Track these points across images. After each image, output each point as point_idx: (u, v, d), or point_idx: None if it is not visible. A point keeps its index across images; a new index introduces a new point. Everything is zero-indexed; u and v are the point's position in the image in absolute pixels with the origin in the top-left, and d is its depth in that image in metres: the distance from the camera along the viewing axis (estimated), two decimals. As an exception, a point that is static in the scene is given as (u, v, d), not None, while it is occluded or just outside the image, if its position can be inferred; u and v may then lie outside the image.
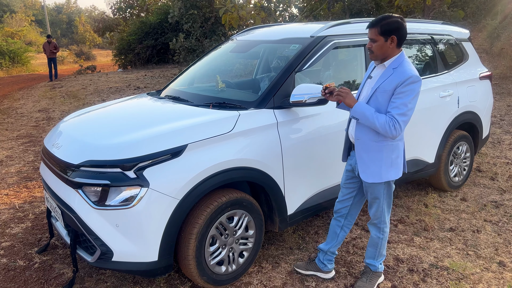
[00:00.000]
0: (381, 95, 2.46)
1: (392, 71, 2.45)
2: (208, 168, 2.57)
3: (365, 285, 2.82)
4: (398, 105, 2.39)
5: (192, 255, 2.59)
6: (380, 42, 2.43)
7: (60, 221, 2.86)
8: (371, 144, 2.52)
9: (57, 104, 10.56)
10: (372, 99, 2.51)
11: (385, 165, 2.53)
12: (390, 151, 2.53)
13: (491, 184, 4.68)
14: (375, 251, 2.82)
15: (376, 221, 2.73)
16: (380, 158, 2.53)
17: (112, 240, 2.46)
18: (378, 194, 2.63)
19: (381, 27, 2.41)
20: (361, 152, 2.58)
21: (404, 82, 2.38)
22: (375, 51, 2.47)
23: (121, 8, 25.83)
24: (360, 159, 2.59)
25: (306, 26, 3.78)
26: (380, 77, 2.50)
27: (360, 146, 2.58)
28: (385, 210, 2.69)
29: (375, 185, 2.60)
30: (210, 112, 2.93)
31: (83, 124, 3.14)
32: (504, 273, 3.01)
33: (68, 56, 33.25)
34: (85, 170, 2.51)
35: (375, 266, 2.86)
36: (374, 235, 2.78)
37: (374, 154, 2.53)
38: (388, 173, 2.55)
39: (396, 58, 2.48)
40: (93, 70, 19.97)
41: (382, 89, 2.45)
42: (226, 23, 11.87)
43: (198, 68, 4.16)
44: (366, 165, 2.57)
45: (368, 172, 2.56)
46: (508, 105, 8.56)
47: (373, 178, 2.56)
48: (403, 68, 2.42)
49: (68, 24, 61.68)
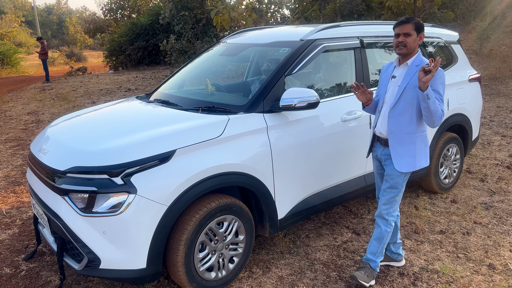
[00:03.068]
0: (411, 91, 2.67)
1: (416, 68, 2.67)
2: (197, 174, 2.54)
3: (363, 277, 2.84)
4: (438, 98, 2.60)
5: (181, 261, 2.56)
6: (414, 37, 2.67)
7: (46, 228, 2.81)
8: (404, 136, 2.74)
9: (47, 106, 10.45)
10: (403, 96, 2.71)
11: (418, 154, 2.76)
12: (421, 141, 2.77)
13: (481, 185, 4.71)
14: (378, 246, 2.90)
15: (385, 211, 2.87)
16: (414, 148, 2.75)
17: (100, 247, 2.42)
18: (397, 184, 2.81)
19: (415, 23, 2.67)
20: (395, 145, 2.77)
21: (436, 78, 2.58)
22: (409, 44, 2.68)
23: (112, 9, 25.71)
24: (394, 151, 2.77)
25: (296, 29, 3.77)
26: (406, 75, 2.72)
27: (394, 139, 2.77)
28: (396, 202, 2.87)
29: (400, 176, 2.79)
30: (200, 116, 2.91)
31: (70, 129, 3.09)
32: (494, 275, 3.02)
33: (58, 57, 32.97)
34: (71, 177, 2.47)
35: (375, 263, 2.91)
36: (382, 226, 2.89)
37: (408, 145, 2.74)
38: (420, 161, 2.78)
39: (417, 56, 2.73)
40: (83, 71, 19.80)
41: (412, 86, 2.67)
42: (217, 24, 11.84)
43: (187, 71, 4.13)
44: (400, 156, 2.75)
45: (403, 162, 2.75)
46: (498, 106, 8.63)
47: (408, 167, 2.75)
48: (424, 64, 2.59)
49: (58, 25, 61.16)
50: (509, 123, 7.38)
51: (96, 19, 27.99)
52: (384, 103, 2.86)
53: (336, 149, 3.36)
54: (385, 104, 2.85)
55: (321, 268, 3.14)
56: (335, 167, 3.41)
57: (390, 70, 2.90)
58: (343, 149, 3.42)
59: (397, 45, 2.73)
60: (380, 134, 2.90)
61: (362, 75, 3.61)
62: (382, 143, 2.89)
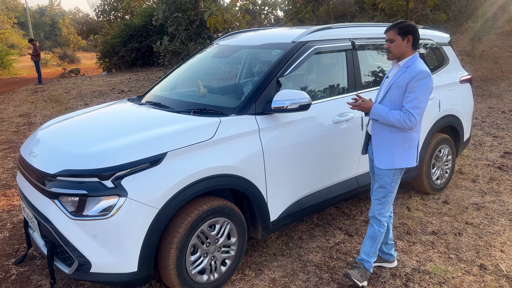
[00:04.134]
0: (395, 91, 2.74)
1: (405, 69, 2.73)
2: (189, 176, 2.53)
3: (357, 276, 2.87)
4: (411, 99, 2.65)
5: (172, 264, 2.55)
6: (398, 41, 2.72)
7: (37, 231, 2.79)
8: (385, 134, 2.80)
9: (39, 108, 10.38)
10: (387, 95, 2.80)
11: (397, 153, 2.79)
12: (403, 141, 2.78)
13: (473, 186, 4.74)
14: (372, 245, 2.94)
15: (377, 212, 2.92)
16: (393, 146, 2.79)
17: (90, 251, 2.41)
18: (385, 183, 2.86)
19: (399, 28, 2.72)
20: (377, 142, 2.86)
21: (414, 77, 2.64)
22: (393, 49, 2.75)
23: (105, 10, 25.61)
24: (376, 148, 2.86)
25: (288, 31, 3.78)
26: (394, 75, 2.80)
27: (376, 136, 2.86)
28: (388, 202, 2.90)
29: (385, 173, 2.83)
30: (191, 118, 2.90)
31: (60, 132, 3.07)
32: (485, 276, 3.04)
33: (51, 59, 32.75)
34: (61, 180, 2.45)
35: (369, 263, 2.95)
36: (375, 226, 2.93)
37: (387, 142, 2.80)
38: (400, 161, 2.80)
39: (410, 58, 2.75)
40: (76, 73, 19.67)
41: (396, 85, 2.74)
42: (211, 26, 11.82)
43: (179, 73, 4.12)
44: (380, 153, 2.83)
45: (382, 159, 2.82)
46: (489, 107, 8.70)
47: (386, 164, 2.81)
48: (414, 66, 2.70)
49: (51, 27, 60.84)
50: (501, 124, 7.44)
51: (89, 21, 27.87)
52: (376, 102, 2.93)
53: (328, 151, 3.37)
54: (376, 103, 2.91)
55: (313, 270, 3.14)
56: (328, 168, 3.42)
57: (388, 72, 2.98)
58: (335, 150, 3.42)
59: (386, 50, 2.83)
60: (370, 131, 2.98)
61: (354, 76, 3.62)
62: (371, 140, 2.97)
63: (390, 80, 2.83)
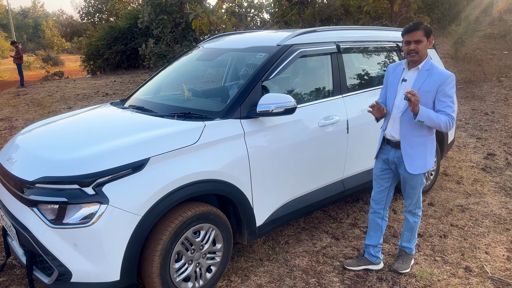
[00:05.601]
0: (423, 96, 2.73)
1: (427, 73, 2.75)
2: (172, 182, 2.48)
3: (403, 266, 3.10)
4: (449, 103, 2.72)
5: (156, 272, 2.49)
6: (425, 43, 2.73)
7: (15, 240, 2.70)
8: (416, 139, 2.83)
9: (21, 112, 10.17)
10: None
11: (428, 156, 2.87)
12: (431, 144, 2.88)
13: (457, 188, 4.78)
14: (410, 235, 3.11)
15: (412, 207, 3.04)
16: (425, 151, 2.85)
17: (71, 260, 2.33)
18: (416, 184, 2.93)
19: (424, 29, 2.71)
20: (406, 148, 2.85)
21: (445, 81, 2.70)
22: (421, 50, 2.73)
23: (89, 12, 25.31)
24: (406, 155, 2.86)
25: (273, 35, 3.76)
26: (416, 80, 2.79)
27: (405, 142, 2.85)
28: (420, 197, 3.01)
29: (416, 176, 2.89)
30: (175, 123, 2.85)
31: (40, 137, 2.99)
32: (470, 278, 3.05)
33: (34, 61, 32.17)
34: (40, 187, 2.38)
35: (410, 249, 3.14)
36: (410, 221, 3.07)
37: (419, 148, 2.84)
38: (430, 163, 2.90)
39: (427, 60, 2.80)
40: (60, 76, 19.37)
41: (424, 90, 2.74)
42: (196, 28, 11.76)
43: (163, 76, 4.06)
44: (412, 159, 2.85)
45: (415, 165, 2.85)
46: (473, 109, 8.81)
47: (420, 169, 2.86)
48: (437, 69, 2.75)
49: (34, 29, 59.92)
50: (484, 125, 7.55)
51: (73, 23, 27.48)
52: (394, 106, 2.91)
53: (314, 154, 3.35)
54: (395, 108, 2.89)
55: (300, 275, 3.11)
56: (314, 172, 3.40)
57: (398, 72, 2.94)
58: (321, 154, 3.40)
59: (408, 53, 2.76)
60: (391, 137, 2.96)
61: (339, 79, 3.61)
62: (393, 146, 2.96)
63: (411, 84, 2.81)
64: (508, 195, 4.53)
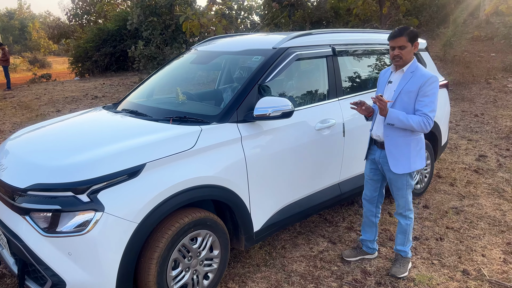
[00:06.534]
0: (406, 96, 2.82)
1: (411, 75, 2.82)
2: (169, 188, 2.42)
3: (400, 270, 3.09)
4: (427, 103, 2.75)
5: (153, 281, 2.43)
6: (409, 48, 2.81)
7: (6, 249, 2.62)
8: (400, 139, 2.86)
9: (8, 115, 9.98)
10: (397, 101, 2.86)
11: (413, 157, 2.89)
12: (416, 144, 2.89)
13: (451, 190, 4.79)
14: (404, 237, 3.12)
15: (402, 210, 3.06)
16: (409, 151, 2.87)
17: (64, 269, 2.26)
18: (402, 186, 2.96)
19: (408, 35, 2.78)
20: (390, 148, 2.90)
21: (426, 82, 2.75)
22: (404, 56, 2.81)
23: (77, 14, 25.04)
24: (390, 154, 2.90)
25: (268, 37, 3.72)
26: (401, 81, 2.87)
27: (389, 142, 2.90)
28: (408, 199, 3.02)
29: (400, 177, 2.93)
30: (170, 127, 2.79)
31: (31, 143, 2.90)
32: (468, 281, 3.05)
33: (21, 63, 31.70)
34: (33, 195, 2.30)
35: (405, 252, 3.15)
36: (402, 223, 3.09)
37: (402, 148, 2.87)
38: (415, 163, 2.90)
39: (412, 63, 2.86)
40: (48, 78, 19.10)
41: (406, 91, 2.82)
42: (187, 30, 11.69)
43: (157, 79, 4.00)
44: (396, 159, 2.89)
45: (399, 165, 2.89)
46: (463, 111, 8.89)
47: (403, 169, 2.89)
48: (420, 71, 2.82)
49: (21, 30, 59.07)
50: (474, 127, 7.61)
51: (60, 24, 27.14)
52: None
53: (311, 158, 3.32)
54: None
55: (298, 280, 3.07)
56: (311, 176, 3.37)
57: (387, 75, 3.04)
58: (318, 157, 3.38)
59: (393, 58, 2.86)
60: (377, 137, 3.01)
61: (335, 82, 3.59)
62: (379, 146, 3.02)
63: (395, 85, 2.90)
64: (501, 197, 4.55)
